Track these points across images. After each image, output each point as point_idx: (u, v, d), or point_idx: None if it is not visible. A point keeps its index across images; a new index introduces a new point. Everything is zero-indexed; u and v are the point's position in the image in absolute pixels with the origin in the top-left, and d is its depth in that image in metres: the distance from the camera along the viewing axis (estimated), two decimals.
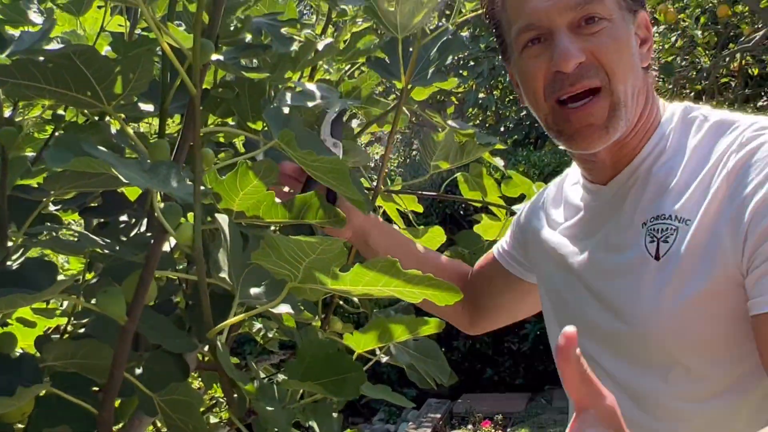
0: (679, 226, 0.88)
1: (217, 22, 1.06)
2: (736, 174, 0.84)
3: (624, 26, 0.93)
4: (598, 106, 0.91)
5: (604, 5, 0.91)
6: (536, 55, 0.95)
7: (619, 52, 0.91)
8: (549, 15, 0.92)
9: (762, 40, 4.05)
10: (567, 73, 0.91)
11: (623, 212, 0.97)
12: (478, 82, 7.55)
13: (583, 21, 0.91)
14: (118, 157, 0.82)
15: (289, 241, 0.71)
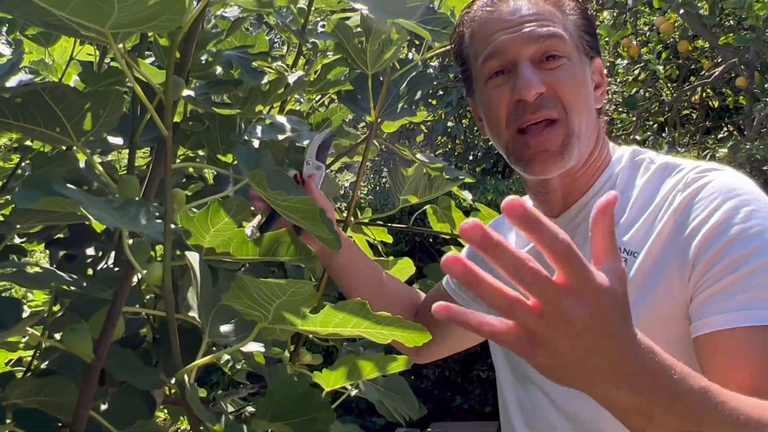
0: (627, 258, 0.92)
1: (189, 57, 1.07)
2: (681, 210, 0.89)
3: (581, 67, 1.00)
4: (554, 134, 0.97)
5: (565, 44, 0.97)
6: (500, 84, 0.99)
7: (576, 89, 0.97)
8: (514, 46, 0.97)
9: (721, 74, 4.18)
10: (528, 102, 0.96)
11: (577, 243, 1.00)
12: (446, 111, 7.63)
13: (545, 57, 0.97)
14: (87, 195, 0.82)
15: (259, 283, 0.71)
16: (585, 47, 1.01)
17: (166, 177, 0.78)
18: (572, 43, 0.99)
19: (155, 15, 0.67)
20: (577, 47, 1.00)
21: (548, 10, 1.00)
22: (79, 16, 0.66)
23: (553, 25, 0.98)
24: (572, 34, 1.00)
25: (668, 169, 0.97)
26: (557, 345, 0.57)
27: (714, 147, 5.78)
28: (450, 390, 6.76)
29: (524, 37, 0.97)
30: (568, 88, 0.97)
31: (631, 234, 0.93)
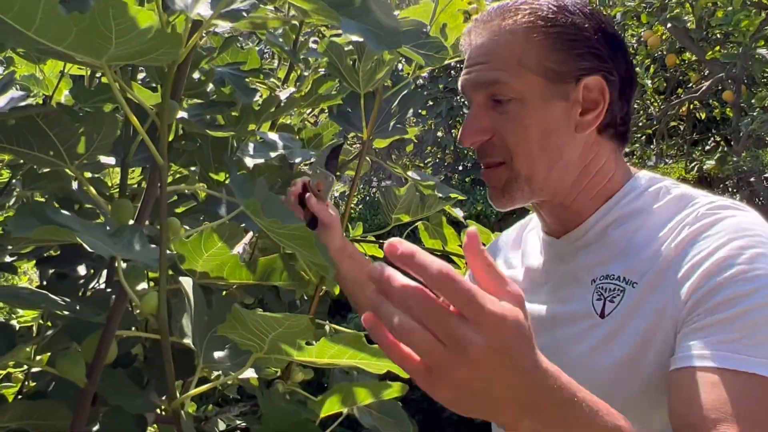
0: (626, 287, 0.90)
1: (183, 80, 1.07)
2: (684, 245, 0.87)
3: (540, 104, 0.94)
4: (495, 175, 0.98)
5: (508, 86, 0.94)
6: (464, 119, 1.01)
7: (524, 133, 0.95)
8: (468, 89, 0.98)
9: (709, 88, 4.22)
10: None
11: (572, 267, 1.00)
12: (436, 121, 7.65)
13: (491, 100, 0.96)
14: (81, 221, 0.82)
15: (255, 315, 0.71)
16: (558, 74, 0.94)
17: (161, 206, 0.78)
18: (530, 78, 0.94)
19: (152, 49, 0.67)
20: (546, 76, 0.94)
21: (506, 44, 0.95)
22: (76, 51, 0.66)
23: (501, 68, 0.94)
24: (535, 65, 0.94)
25: (683, 200, 0.94)
26: (456, 374, 0.57)
27: (701, 158, 5.83)
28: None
29: (471, 82, 0.97)
30: (512, 134, 0.95)
31: (634, 264, 0.91)
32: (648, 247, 0.91)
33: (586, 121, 0.97)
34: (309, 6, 0.74)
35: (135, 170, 1.82)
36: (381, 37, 0.74)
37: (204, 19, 0.76)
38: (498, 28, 0.96)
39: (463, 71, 1.00)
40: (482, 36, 0.98)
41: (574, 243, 1.01)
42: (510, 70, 0.94)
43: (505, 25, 0.96)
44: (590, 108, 0.97)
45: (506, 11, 0.97)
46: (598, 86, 0.96)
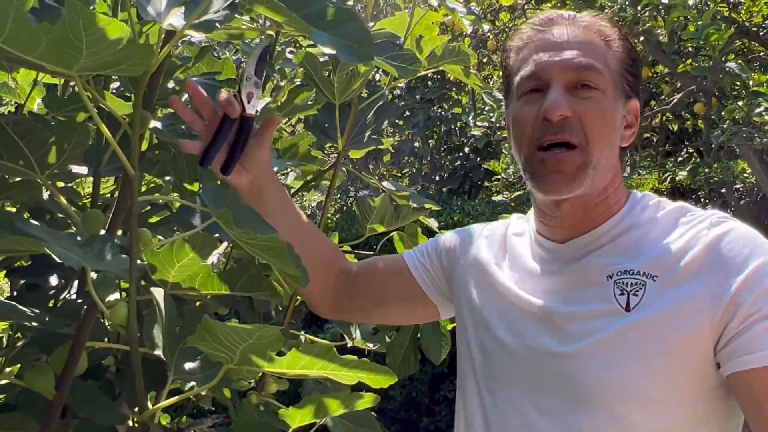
0: (647, 281, 0.95)
1: (156, 90, 1.07)
2: (713, 247, 0.92)
3: (613, 103, 1.01)
4: (570, 158, 0.99)
5: (601, 77, 0.99)
6: (531, 102, 1.02)
7: (603, 122, 0.99)
8: (551, 70, 1.00)
9: (681, 100, 4.29)
10: (552, 123, 0.98)
11: (583, 269, 1.02)
12: (413, 131, 7.68)
13: (579, 85, 0.99)
14: (51, 231, 0.81)
15: (225, 326, 0.71)
16: (623, 85, 1.03)
17: (131, 217, 0.78)
18: (610, 79, 1.01)
19: (123, 59, 0.67)
20: (615, 83, 1.01)
21: (595, 41, 1.02)
22: (46, 61, 0.66)
23: (594, 57, 1.00)
24: (612, 70, 1.02)
25: (682, 210, 1.01)
26: None
27: (674, 170, 5.91)
28: (417, 411, 6.75)
29: (563, 62, 1.00)
30: (593, 119, 0.99)
31: (649, 260, 0.96)
32: (660, 245, 0.97)
33: (626, 136, 1.06)
34: (282, 18, 0.74)
35: (109, 180, 1.81)
36: (353, 50, 0.74)
37: (176, 29, 0.76)
38: (591, 27, 1.03)
39: (545, 55, 1.01)
40: (572, 27, 1.02)
41: (583, 248, 1.04)
42: (601, 63, 1.00)
43: (597, 27, 1.03)
44: (630, 126, 1.06)
45: (593, 17, 1.05)
46: (635, 110, 1.07)
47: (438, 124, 7.71)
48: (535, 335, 1.02)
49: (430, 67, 1.53)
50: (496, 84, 6.32)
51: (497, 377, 1.04)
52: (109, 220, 1.03)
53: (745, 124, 3.25)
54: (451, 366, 6.60)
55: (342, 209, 7.22)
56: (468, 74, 1.58)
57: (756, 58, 4.70)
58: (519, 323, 1.05)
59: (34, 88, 1.57)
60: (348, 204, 7.37)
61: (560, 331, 0.99)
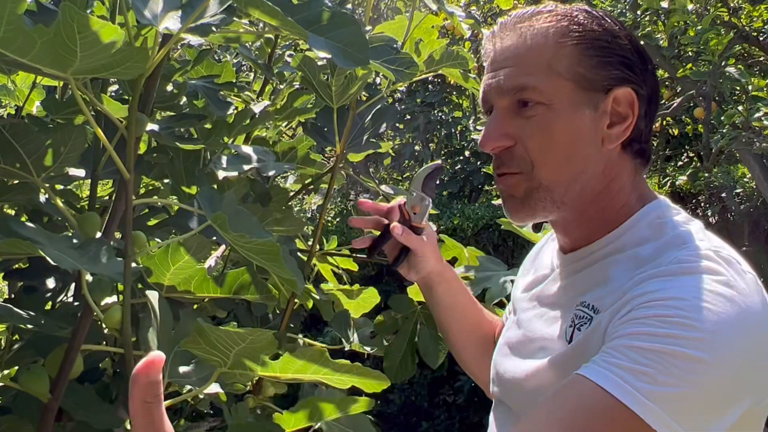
0: (594, 316, 0.87)
1: (153, 93, 1.07)
2: (643, 281, 0.82)
3: (568, 111, 0.90)
4: (513, 182, 0.93)
5: (539, 92, 0.89)
6: (486, 125, 0.95)
7: (549, 139, 0.90)
8: (491, 94, 0.93)
9: (681, 105, 4.29)
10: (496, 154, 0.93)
11: (568, 286, 0.97)
12: (413, 135, 7.68)
13: (521, 104, 0.91)
14: (46, 233, 0.81)
15: (218, 330, 0.71)
16: (589, 81, 0.90)
17: (126, 220, 0.78)
18: (559, 84, 0.89)
19: (118, 62, 0.67)
20: (577, 83, 0.90)
21: (536, 47, 0.91)
22: (40, 63, 0.66)
23: (531, 72, 0.90)
24: (563, 72, 0.90)
25: (679, 240, 0.87)
26: None
27: (674, 174, 5.91)
28: (416, 415, 6.74)
29: (497, 87, 0.92)
30: (535, 140, 0.90)
31: (603, 294, 0.88)
32: (620, 279, 0.87)
33: (613, 135, 0.92)
34: (277, 22, 0.74)
35: (107, 182, 1.81)
36: (348, 54, 0.74)
37: (172, 32, 0.77)
38: (527, 31, 0.92)
39: (486, 77, 0.94)
40: (509, 39, 0.93)
41: (573, 264, 0.97)
42: (539, 73, 0.90)
43: (535, 28, 0.92)
44: (617, 121, 0.92)
45: (535, 14, 0.93)
46: (627, 99, 0.92)
47: (438, 127, 7.71)
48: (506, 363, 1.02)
49: (429, 71, 1.53)
50: None
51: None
52: (106, 222, 1.03)
53: (744, 129, 3.24)
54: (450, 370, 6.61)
55: (342, 212, 7.23)
56: (467, 78, 1.58)
57: (756, 63, 4.71)
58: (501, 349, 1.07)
59: (32, 91, 1.58)
60: (348, 207, 7.37)
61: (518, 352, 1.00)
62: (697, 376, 0.72)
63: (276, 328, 1.45)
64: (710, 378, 0.73)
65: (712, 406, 0.74)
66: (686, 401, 0.72)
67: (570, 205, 0.93)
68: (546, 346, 0.94)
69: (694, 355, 0.72)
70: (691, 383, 0.72)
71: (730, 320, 0.75)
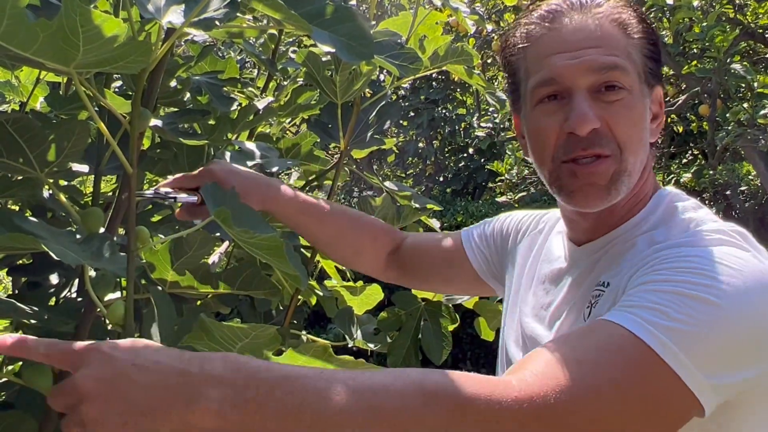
0: (605, 290, 0.90)
1: (156, 88, 1.07)
2: (651, 254, 0.85)
3: (641, 99, 0.92)
4: (604, 168, 0.90)
5: (627, 75, 0.90)
6: (551, 112, 0.92)
7: (633, 126, 0.91)
8: (571, 74, 0.90)
9: (686, 102, 4.28)
10: (580, 137, 0.89)
11: (586, 276, 0.97)
12: (417, 132, 7.68)
13: (604, 87, 0.89)
14: (49, 228, 0.81)
15: (221, 326, 0.71)
16: (647, 76, 0.93)
17: (129, 215, 0.77)
18: (635, 73, 0.91)
19: (121, 56, 0.67)
20: (640, 76, 0.92)
21: (613, 33, 0.91)
22: (43, 57, 0.66)
23: (616, 54, 0.90)
24: (636, 62, 0.91)
25: (690, 222, 0.89)
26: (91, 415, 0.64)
27: (678, 172, 5.90)
28: None
29: (584, 65, 0.89)
30: (624, 125, 0.90)
31: (617, 270, 0.90)
32: (634, 258, 0.88)
33: (654, 129, 0.95)
34: (281, 16, 0.74)
35: (112, 178, 1.81)
36: (353, 48, 0.74)
37: (175, 26, 0.76)
38: (603, 15, 0.91)
39: (559, 57, 0.91)
40: (585, 20, 0.91)
41: (593, 254, 0.98)
42: (624, 57, 0.90)
43: (610, 15, 0.92)
44: (656, 116, 0.95)
45: (614, 6, 0.93)
46: (659, 98, 0.96)
47: (442, 124, 7.70)
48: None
49: (433, 67, 1.52)
50: (500, 85, 6.32)
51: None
52: (109, 218, 1.03)
53: (749, 126, 3.24)
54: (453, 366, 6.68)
55: None
56: (471, 74, 1.57)
57: (761, 60, 4.69)
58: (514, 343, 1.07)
59: (36, 86, 1.58)
60: (351, 204, 7.37)
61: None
62: (711, 318, 0.74)
63: (279, 325, 1.45)
64: (725, 324, 0.74)
65: (727, 353, 0.75)
66: (698, 340, 0.73)
67: (629, 191, 0.94)
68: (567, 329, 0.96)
69: (709, 299, 0.74)
70: (704, 324, 0.74)
71: (748, 277, 0.77)
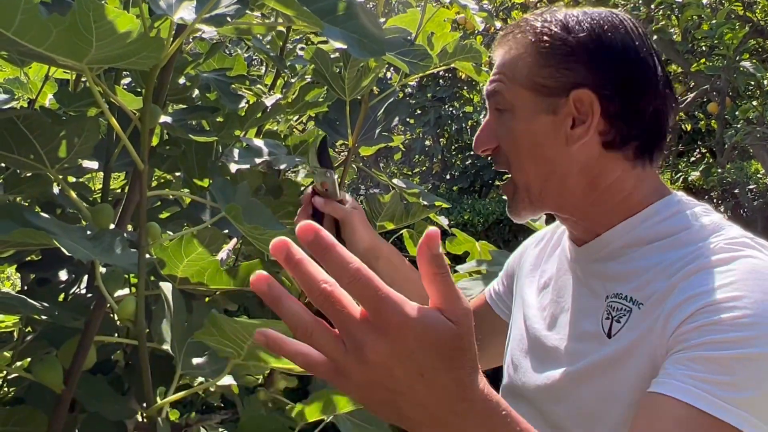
0: (633, 308, 0.88)
1: (167, 84, 1.07)
2: (693, 274, 0.83)
3: (527, 116, 0.95)
4: (506, 186, 1.01)
5: (503, 97, 0.97)
6: None
7: (515, 143, 0.97)
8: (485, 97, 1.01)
9: (694, 100, 4.26)
10: None
11: (590, 282, 0.98)
12: (424, 130, 7.67)
13: (495, 110, 0.99)
14: (60, 224, 0.81)
15: (232, 321, 0.71)
16: (547, 88, 0.94)
17: (141, 211, 0.77)
18: (517, 92, 0.95)
19: (133, 52, 0.67)
20: (535, 90, 0.94)
21: (508, 57, 0.98)
22: (56, 53, 0.66)
23: (498, 79, 0.98)
24: (523, 80, 0.95)
25: (709, 230, 0.89)
26: (357, 378, 0.55)
27: (686, 170, 5.88)
28: None
29: (485, 92, 1.01)
30: (505, 142, 0.98)
31: (640, 284, 0.89)
32: (657, 269, 0.88)
33: (576, 134, 0.94)
34: (292, 12, 0.74)
35: (120, 175, 1.81)
36: (364, 44, 0.74)
37: (187, 23, 0.76)
38: (509, 42, 0.99)
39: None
40: (498, 48, 1.00)
41: (591, 255, 0.99)
42: (507, 82, 0.97)
43: (513, 39, 0.98)
44: (579, 122, 0.94)
45: (516, 26, 0.99)
46: (587, 100, 0.93)
47: (449, 122, 7.69)
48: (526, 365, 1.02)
49: (442, 64, 1.52)
50: None
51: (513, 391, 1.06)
52: (119, 214, 1.03)
53: (759, 124, 3.22)
54: None
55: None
56: (479, 71, 1.57)
57: None
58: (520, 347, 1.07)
59: (45, 83, 1.58)
60: (358, 201, 7.36)
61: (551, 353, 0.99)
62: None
63: None
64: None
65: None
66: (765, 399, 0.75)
67: (555, 204, 0.97)
68: (579, 347, 0.94)
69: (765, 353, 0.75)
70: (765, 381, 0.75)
71: None
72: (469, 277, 1.61)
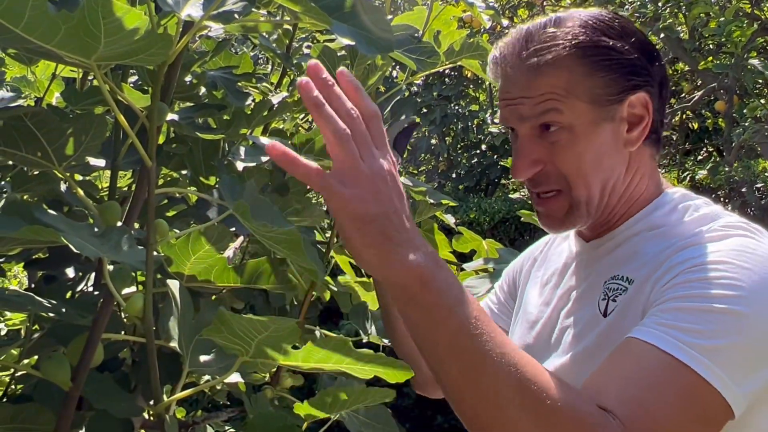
0: (628, 287, 0.91)
1: (174, 82, 1.07)
2: (683, 248, 0.87)
3: (591, 129, 0.94)
4: (557, 204, 0.97)
5: (561, 114, 0.92)
6: (514, 141, 1.00)
7: (579, 160, 0.94)
8: (512, 119, 0.97)
9: (701, 98, 4.24)
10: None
11: (594, 273, 1.00)
12: (430, 128, 7.66)
13: (542, 127, 0.94)
14: (68, 221, 0.81)
15: (241, 319, 0.71)
16: (604, 97, 0.93)
17: (149, 208, 0.77)
18: (578, 104, 0.93)
19: (141, 49, 0.67)
20: (593, 101, 0.93)
21: (547, 77, 0.93)
22: (64, 49, 0.66)
23: (546, 98, 0.93)
24: (581, 94, 0.93)
25: (707, 218, 0.92)
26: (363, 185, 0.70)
27: (693, 168, 5.86)
28: (431, 408, 6.73)
29: (516, 114, 0.96)
30: (568, 162, 0.94)
31: (637, 265, 0.92)
32: (653, 251, 0.91)
33: (634, 137, 0.96)
34: (300, 8, 0.74)
35: (126, 173, 1.81)
36: (372, 41, 0.74)
37: (194, 20, 0.76)
38: (539, 64, 0.94)
39: (504, 102, 0.98)
40: (521, 70, 0.95)
41: (597, 249, 1.01)
42: (560, 99, 0.93)
43: (546, 60, 0.93)
44: (635, 123, 0.96)
45: (543, 44, 0.94)
46: (641, 102, 0.96)
47: (455, 121, 7.69)
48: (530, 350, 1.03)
49: (449, 62, 1.51)
50: None
51: None
52: (126, 212, 1.03)
53: (766, 122, 3.20)
54: None
55: None
56: (486, 70, 1.56)
57: None
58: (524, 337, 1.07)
59: (52, 82, 1.58)
60: None
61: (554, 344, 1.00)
62: (739, 329, 0.78)
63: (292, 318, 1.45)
64: (752, 330, 0.78)
65: (753, 358, 0.79)
66: (731, 352, 0.77)
67: (597, 212, 0.98)
68: (580, 331, 0.95)
69: (738, 310, 0.78)
70: (734, 336, 0.78)
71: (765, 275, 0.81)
72: (475, 275, 1.61)
